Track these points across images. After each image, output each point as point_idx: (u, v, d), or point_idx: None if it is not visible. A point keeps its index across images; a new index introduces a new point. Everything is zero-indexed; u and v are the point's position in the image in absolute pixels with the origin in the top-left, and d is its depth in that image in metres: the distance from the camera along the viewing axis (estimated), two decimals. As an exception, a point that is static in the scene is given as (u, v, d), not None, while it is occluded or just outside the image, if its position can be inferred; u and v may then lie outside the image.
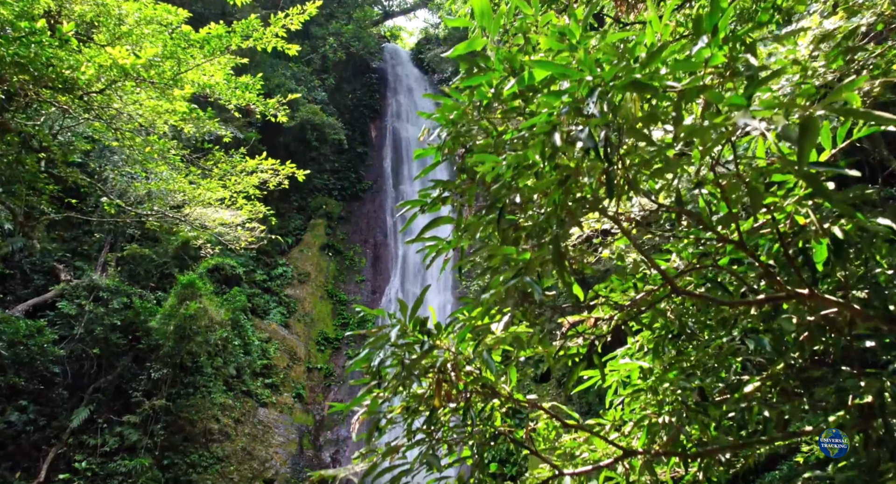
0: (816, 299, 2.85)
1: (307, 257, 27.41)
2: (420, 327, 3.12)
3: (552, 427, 4.06)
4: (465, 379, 3.27)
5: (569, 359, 3.52)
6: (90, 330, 16.79)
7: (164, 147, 11.67)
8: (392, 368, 3.29)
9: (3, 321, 15.29)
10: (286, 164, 12.66)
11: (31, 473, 15.49)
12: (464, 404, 3.38)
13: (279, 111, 11.35)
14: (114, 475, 15.70)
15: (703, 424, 3.50)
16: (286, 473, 20.24)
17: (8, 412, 15.78)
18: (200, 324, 16.44)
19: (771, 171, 2.42)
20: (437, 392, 3.19)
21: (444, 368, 3.18)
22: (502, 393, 3.45)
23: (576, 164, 2.34)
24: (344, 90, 34.91)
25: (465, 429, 3.72)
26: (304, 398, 22.95)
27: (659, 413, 3.54)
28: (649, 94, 2.29)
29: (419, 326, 3.12)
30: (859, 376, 2.96)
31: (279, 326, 23.90)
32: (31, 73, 8.17)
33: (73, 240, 20.38)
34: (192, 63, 10.08)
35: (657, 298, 3.13)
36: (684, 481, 4.62)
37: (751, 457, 4.12)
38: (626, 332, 4.36)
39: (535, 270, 2.63)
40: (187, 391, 17.96)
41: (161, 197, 12.51)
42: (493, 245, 2.74)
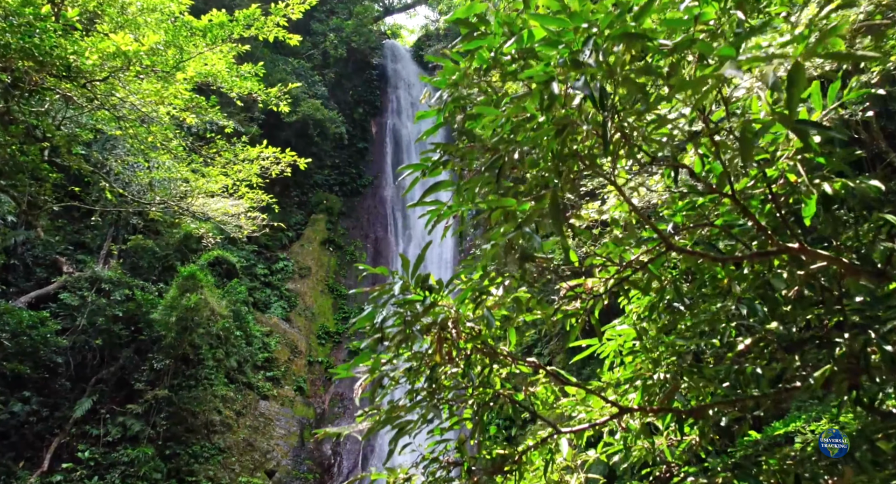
0: (806, 253, 2.93)
1: (308, 252, 27.51)
2: (422, 284, 3.20)
3: (550, 391, 4.15)
4: (466, 335, 3.36)
5: (567, 319, 3.61)
6: (93, 321, 16.88)
7: (166, 136, 11.76)
8: (395, 327, 3.38)
9: (6, 312, 15.38)
10: (288, 164, 12.73)
11: (34, 463, 15.59)
12: (464, 362, 3.46)
13: (281, 101, 11.44)
14: (116, 465, 15.80)
15: (698, 383, 3.59)
16: (287, 464, 20.34)
17: (11, 403, 15.88)
18: (202, 315, 16.54)
19: (761, 124, 2.51)
20: (438, 349, 3.27)
21: (444, 325, 3.26)
22: (502, 352, 3.53)
23: (572, 114, 2.43)
24: (344, 87, 34.98)
25: (465, 391, 3.81)
26: (305, 391, 23.05)
27: (654, 371, 3.63)
28: (641, 45, 2.38)
29: (421, 282, 3.20)
30: (847, 330, 3.04)
31: (280, 319, 24.00)
32: (35, 58, 8.25)
33: (75, 233, 20.48)
34: (194, 52, 10.17)
35: (653, 256, 3.22)
36: (681, 448, 4.71)
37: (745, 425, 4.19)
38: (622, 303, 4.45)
39: (533, 222, 2.71)
40: (189, 383, 18.04)
41: (164, 186, 12.60)
42: (494, 198, 2.82)
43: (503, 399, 3.84)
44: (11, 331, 15.34)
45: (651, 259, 3.19)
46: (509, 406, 3.88)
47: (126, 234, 19.74)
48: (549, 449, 3.94)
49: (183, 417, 17.59)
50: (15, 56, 8.04)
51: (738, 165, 2.98)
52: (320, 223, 29.14)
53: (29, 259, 18.99)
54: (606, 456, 4.81)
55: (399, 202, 32.14)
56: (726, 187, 2.82)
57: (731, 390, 3.53)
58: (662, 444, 4.72)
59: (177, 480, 16.65)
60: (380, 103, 36.49)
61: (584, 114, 2.59)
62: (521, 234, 2.71)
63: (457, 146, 3.39)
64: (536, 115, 2.54)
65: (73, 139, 11.68)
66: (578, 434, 4.27)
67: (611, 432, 4.50)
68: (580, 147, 2.67)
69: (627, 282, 3.75)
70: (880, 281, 2.94)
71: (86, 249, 19.93)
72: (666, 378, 3.58)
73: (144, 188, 12.75)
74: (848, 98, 2.91)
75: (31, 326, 15.48)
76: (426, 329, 3.30)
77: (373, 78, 36.78)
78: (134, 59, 8.46)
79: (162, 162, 12.51)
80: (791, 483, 3.58)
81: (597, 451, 4.72)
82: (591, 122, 2.51)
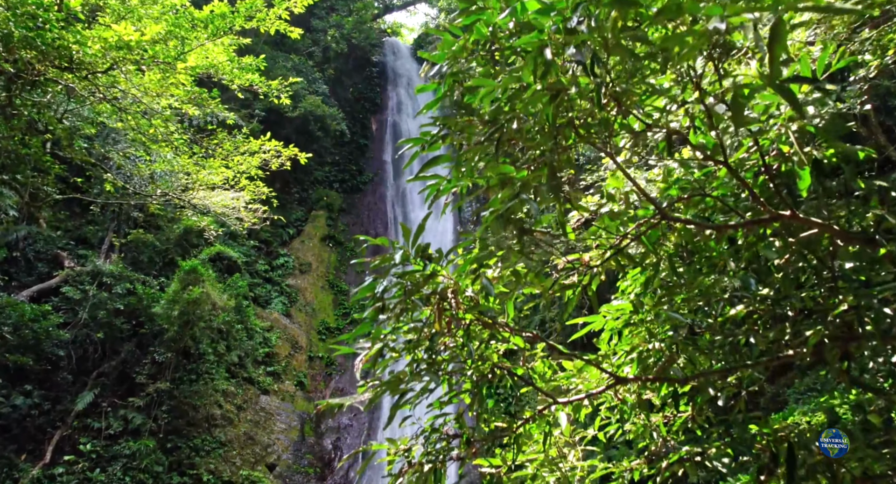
0: (798, 220, 2.99)
1: (308, 248, 27.59)
2: (421, 254, 3.26)
3: (548, 365, 4.21)
4: (465, 306, 3.42)
5: (564, 293, 3.67)
6: (94, 315, 16.96)
7: (167, 129, 11.83)
8: (395, 298, 3.44)
9: (8, 305, 15.45)
10: (289, 158, 12.80)
11: (36, 456, 15.67)
12: (462, 333, 3.52)
13: (281, 93, 11.50)
14: (118, 457, 15.88)
15: (692, 354, 3.65)
16: (288, 459, 20.41)
17: (13, 396, 15.95)
18: (204, 308, 16.61)
19: (751, 88, 2.57)
20: (437, 317, 3.34)
21: (444, 294, 3.32)
22: (500, 324, 3.59)
23: (567, 81, 2.49)
24: (345, 84, 35.06)
25: (464, 364, 3.87)
26: (305, 386, 23.13)
27: (650, 342, 3.69)
28: (634, 12, 2.44)
29: (421, 252, 3.27)
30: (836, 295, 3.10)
31: (281, 315, 24.07)
32: (38, 48, 8.32)
33: (76, 228, 20.55)
34: (195, 44, 10.24)
35: (647, 226, 3.28)
36: (677, 425, 4.77)
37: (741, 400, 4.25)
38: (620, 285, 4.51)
39: (530, 190, 2.78)
40: (190, 377, 18.12)
41: (165, 179, 12.66)
42: (492, 165, 2.88)
43: (501, 372, 3.91)
44: (13, 324, 15.42)
45: (646, 229, 3.25)
46: (508, 380, 3.94)
47: (127, 228, 19.81)
48: (547, 421, 4.00)
49: (184, 411, 17.67)
50: (18, 46, 8.11)
51: (731, 134, 3.04)
52: (321, 219, 29.21)
53: (31, 254, 19.06)
54: (604, 433, 4.88)
55: (399, 199, 32.21)
56: (719, 154, 2.88)
57: (726, 357, 3.59)
58: (658, 420, 4.78)
59: (178, 473, 16.72)
60: (380, 100, 36.57)
61: (579, 83, 2.65)
62: (520, 201, 2.77)
63: (455, 120, 3.45)
64: (532, 84, 2.60)
65: (74, 132, 11.75)
66: (576, 409, 4.34)
67: (609, 409, 4.56)
68: (574, 113, 2.73)
69: (623, 256, 3.81)
70: (870, 247, 3.01)
71: (87, 245, 20.01)
72: (661, 348, 3.64)
73: (146, 181, 12.82)
74: (837, 67, 2.97)
75: (33, 320, 15.55)
76: (426, 299, 3.36)
77: (373, 75, 36.85)
78: (136, 49, 8.52)
79: (164, 155, 12.58)
80: (784, 450, 3.64)
81: (594, 427, 4.79)
82: (585, 89, 2.57)
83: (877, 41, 9.03)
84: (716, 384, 4.28)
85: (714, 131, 2.97)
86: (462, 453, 3.78)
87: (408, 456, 3.81)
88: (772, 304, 3.39)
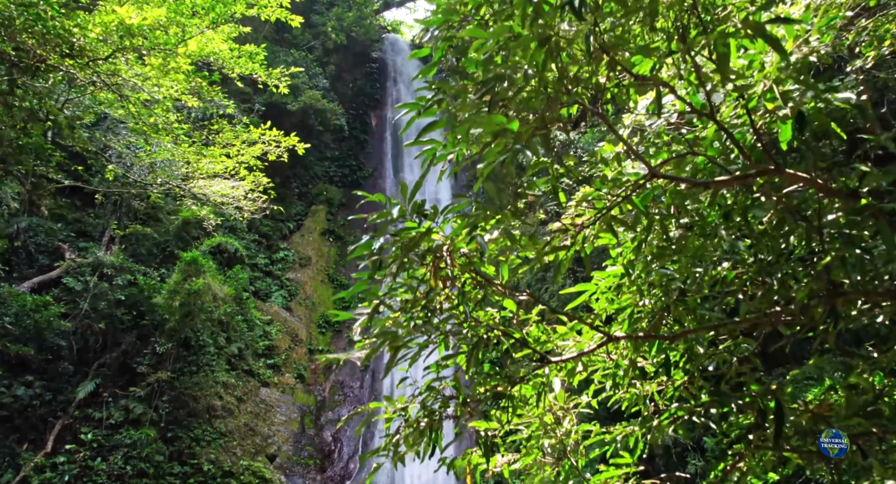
0: (783, 175, 3.08)
1: (308, 242, 27.68)
2: (418, 210, 3.35)
3: (542, 330, 4.30)
4: (460, 264, 3.50)
5: (557, 256, 3.76)
6: (95, 306, 17.04)
7: (167, 118, 11.92)
8: (393, 258, 3.53)
9: (9, 295, 15.54)
10: (287, 149, 12.89)
11: (37, 445, 15.76)
12: (458, 294, 3.61)
13: (281, 82, 11.57)
14: (119, 447, 15.97)
15: (682, 314, 3.74)
16: (288, 450, 20.52)
17: (14, 387, 16.05)
18: (205, 299, 16.70)
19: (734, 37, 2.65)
20: (433, 274, 3.42)
21: (439, 251, 3.41)
22: (495, 283, 3.68)
23: (556, 26, 2.58)
24: (345, 79, 35.13)
25: (461, 326, 3.96)
26: (305, 379, 23.23)
27: (640, 300, 3.78)
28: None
29: (417, 209, 3.35)
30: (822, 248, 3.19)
31: (281, 308, 24.17)
32: (39, 32, 8.40)
33: (77, 221, 20.63)
34: (195, 32, 10.31)
35: (638, 185, 3.36)
36: (669, 392, 4.86)
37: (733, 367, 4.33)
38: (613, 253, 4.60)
39: (522, 140, 2.86)
40: (191, 369, 18.21)
41: (165, 168, 12.75)
42: (484, 116, 2.97)
43: (497, 334, 3.99)
44: (15, 314, 15.50)
45: (636, 188, 3.34)
46: (504, 342, 4.03)
47: (127, 221, 19.89)
48: (542, 382, 4.09)
49: (184, 402, 17.77)
50: (18, 30, 8.19)
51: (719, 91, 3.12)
52: (320, 214, 29.31)
53: (32, 246, 19.14)
54: (597, 401, 4.97)
55: (398, 195, 32.32)
56: (706, 108, 2.97)
57: (714, 318, 3.68)
58: (652, 388, 4.87)
59: (179, 462, 16.82)
60: (380, 96, 36.65)
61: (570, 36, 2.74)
62: (513, 152, 2.85)
63: (449, 84, 3.53)
64: (523, 34, 2.69)
65: (75, 121, 11.83)
66: (570, 374, 4.43)
67: (603, 375, 4.65)
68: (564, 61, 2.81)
69: (616, 221, 3.90)
70: (853, 201, 3.09)
71: (88, 238, 20.09)
72: (651, 306, 3.73)
73: (146, 169, 12.90)
74: (819, 26, 3.06)
75: (34, 309, 15.64)
76: (422, 257, 3.45)
77: (373, 71, 36.91)
78: (137, 34, 8.60)
79: (164, 144, 12.66)
80: (772, 406, 3.73)
81: (587, 393, 4.88)
82: (576, 40, 2.66)
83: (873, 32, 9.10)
84: (707, 351, 4.38)
85: (701, 88, 3.06)
86: (458, 412, 3.86)
87: (405, 415, 3.90)
88: (760, 267, 3.48)
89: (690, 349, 4.16)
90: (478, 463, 4.33)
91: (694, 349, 4.11)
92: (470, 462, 4.27)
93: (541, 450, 4.45)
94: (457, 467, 4.19)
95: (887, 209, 3.06)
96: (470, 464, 4.27)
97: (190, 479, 16.73)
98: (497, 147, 2.91)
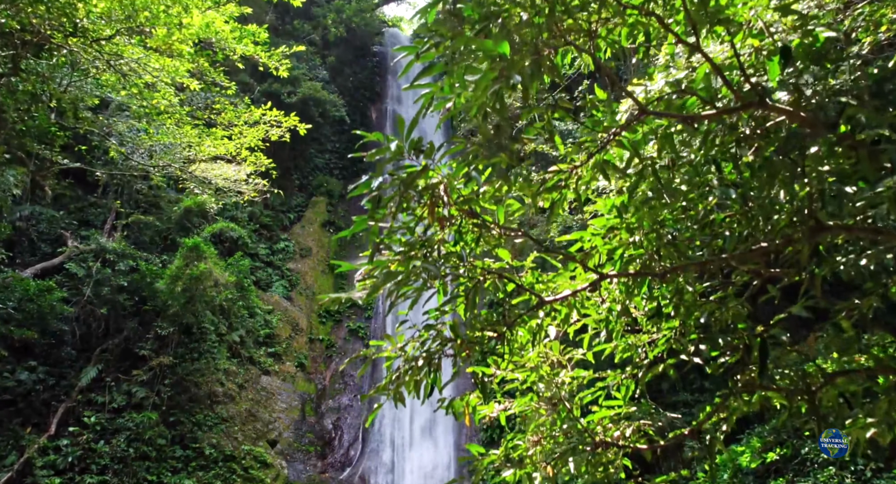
0: (767, 107, 3.21)
1: (308, 233, 27.82)
2: (416, 146, 3.48)
3: (536, 276, 4.43)
4: (456, 200, 3.63)
5: (550, 195, 3.89)
6: (98, 292, 17.18)
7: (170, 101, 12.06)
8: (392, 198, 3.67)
9: (13, 279, 15.68)
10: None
11: (41, 429, 15.91)
12: (455, 232, 3.74)
13: (281, 65, 11.69)
14: (122, 430, 16.12)
15: (673, 254, 3.87)
16: (289, 437, 20.67)
17: (18, 371, 16.19)
18: (207, 285, 16.83)
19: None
20: (430, 212, 3.55)
21: (436, 189, 3.54)
22: (490, 222, 3.81)
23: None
24: (345, 73, 35.25)
25: (458, 270, 4.09)
26: (306, 368, 23.38)
27: (631, 237, 3.91)
28: None
29: (415, 146, 3.48)
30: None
31: (282, 298, 24.31)
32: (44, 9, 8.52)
33: (78, 211, 20.78)
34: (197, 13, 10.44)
35: (629, 122, 3.50)
36: (660, 343, 4.99)
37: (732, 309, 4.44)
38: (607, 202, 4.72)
39: (516, 68, 2.99)
40: (192, 356, 18.34)
41: (167, 151, 12.88)
42: (475, 40, 3.09)
43: (493, 278, 4.12)
44: (18, 299, 15.65)
45: (626, 125, 3.47)
46: (500, 286, 4.16)
47: (129, 209, 20.03)
48: (537, 323, 4.22)
49: (186, 387, 17.91)
50: (24, 4, 8.32)
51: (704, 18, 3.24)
52: (321, 205, 29.45)
53: (34, 234, 19.28)
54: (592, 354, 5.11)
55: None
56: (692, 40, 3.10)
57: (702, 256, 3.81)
58: (644, 338, 5.00)
59: (181, 446, 16.97)
60: (380, 90, 36.75)
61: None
62: (506, 79, 2.98)
63: (446, 26, 3.66)
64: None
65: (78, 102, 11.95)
66: (564, 321, 4.56)
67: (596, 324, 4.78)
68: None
69: (609, 167, 4.03)
70: (833, 133, 3.22)
71: (90, 227, 20.22)
72: (642, 242, 3.85)
73: (147, 153, 13.03)
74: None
75: (37, 294, 15.77)
76: (420, 195, 3.58)
77: (373, 64, 37.01)
78: (141, 9, 8.72)
79: (167, 127, 12.78)
80: (757, 344, 3.86)
81: (582, 347, 5.01)
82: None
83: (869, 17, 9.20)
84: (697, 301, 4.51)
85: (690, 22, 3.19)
86: (456, 352, 3.99)
87: (404, 355, 4.03)
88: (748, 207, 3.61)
89: (680, 294, 4.28)
90: (475, 405, 4.46)
91: (684, 293, 4.23)
92: (468, 403, 4.40)
93: (537, 394, 4.59)
94: (455, 408, 4.33)
95: (866, 140, 3.19)
96: (468, 405, 4.41)
97: (192, 462, 16.88)
98: (490, 74, 3.03)
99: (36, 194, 19.92)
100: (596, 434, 4.50)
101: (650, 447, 4.39)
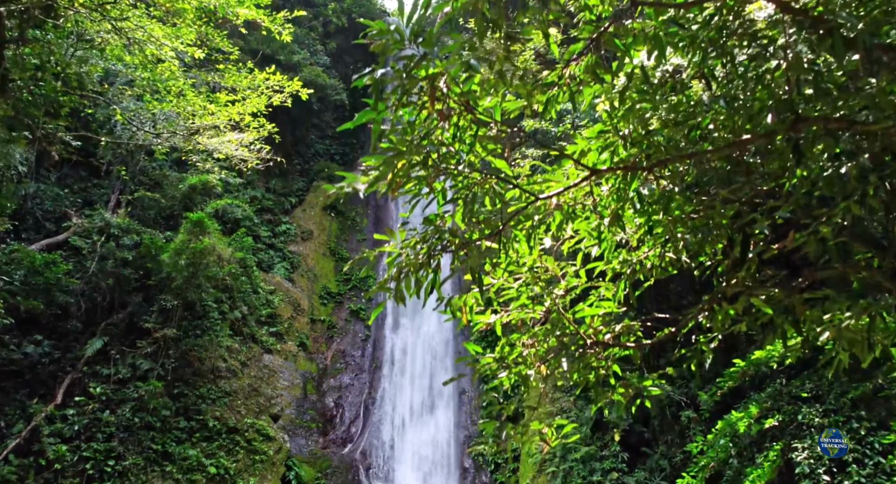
0: None
1: (310, 217, 28.05)
2: (419, 31, 3.67)
3: (532, 180, 4.63)
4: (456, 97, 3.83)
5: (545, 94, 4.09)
6: (103, 266, 17.40)
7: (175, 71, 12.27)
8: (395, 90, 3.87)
9: (19, 252, 15.90)
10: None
11: (47, 400, 16.13)
12: (453, 127, 3.95)
13: (284, 29, 11.87)
14: (127, 401, 16.35)
15: (659, 149, 4.08)
16: (291, 413, 20.92)
17: (24, 345, 16.43)
18: (210, 259, 17.05)
19: None
20: (430, 101, 3.76)
21: (436, 79, 3.74)
22: (486, 119, 4.01)
23: None
24: (346, 61, 35.44)
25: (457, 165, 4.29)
26: (307, 347, 23.61)
27: (620, 131, 4.11)
28: None
29: (417, 32, 3.68)
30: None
31: (283, 279, 24.55)
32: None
33: (82, 191, 21.00)
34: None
35: (618, 15, 3.70)
36: (651, 258, 5.19)
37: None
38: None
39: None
40: (195, 332, 18.56)
41: (172, 120, 13.07)
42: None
43: (490, 181, 4.32)
44: (25, 271, 15.87)
45: (616, 17, 3.67)
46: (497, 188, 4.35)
47: (133, 186, 20.25)
48: (532, 225, 4.42)
49: (190, 361, 18.14)
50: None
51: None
52: (322, 190, 29.67)
53: (38, 213, 19.50)
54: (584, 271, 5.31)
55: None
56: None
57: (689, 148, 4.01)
58: (636, 255, 5.20)
59: (185, 417, 17.21)
60: (380, 77, 36.97)
61: None
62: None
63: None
64: None
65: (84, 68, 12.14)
66: (558, 228, 4.76)
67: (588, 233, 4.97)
68: None
69: (601, 69, 4.22)
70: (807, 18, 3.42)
71: (94, 206, 20.44)
72: (632, 134, 4.06)
73: (153, 121, 13.23)
74: None
75: (43, 266, 15.99)
76: (421, 87, 3.78)
77: (374, 54, 37.24)
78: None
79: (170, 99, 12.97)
80: (738, 239, 4.06)
81: (576, 261, 5.21)
82: None
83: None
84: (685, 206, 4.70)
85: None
86: (454, 248, 4.20)
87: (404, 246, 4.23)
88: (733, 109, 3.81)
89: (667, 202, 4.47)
90: (471, 305, 4.66)
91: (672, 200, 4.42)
92: (465, 302, 4.60)
93: (531, 300, 4.79)
94: (453, 306, 4.53)
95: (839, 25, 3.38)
96: (466, 304, 4.61)
97: (196, 433, 17.12)
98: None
99: (41, 173, 20.16)
100: (588, 337, 4.71)
101: (638, 346, 4.60)
